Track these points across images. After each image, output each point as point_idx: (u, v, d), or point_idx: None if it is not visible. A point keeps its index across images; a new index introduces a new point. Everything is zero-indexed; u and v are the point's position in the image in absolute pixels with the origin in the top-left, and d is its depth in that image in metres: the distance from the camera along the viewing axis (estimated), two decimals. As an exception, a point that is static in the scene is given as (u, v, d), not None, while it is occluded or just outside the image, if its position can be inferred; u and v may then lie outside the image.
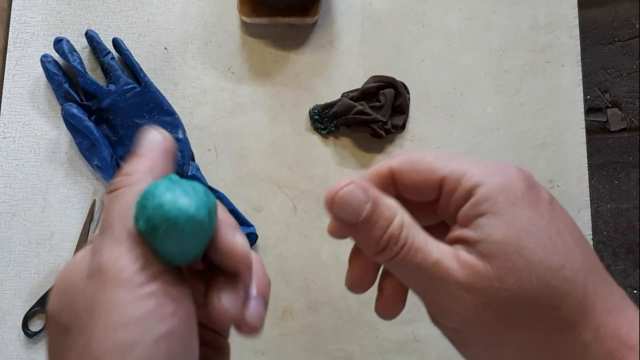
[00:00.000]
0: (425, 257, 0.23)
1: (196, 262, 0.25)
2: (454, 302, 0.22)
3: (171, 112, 0.59)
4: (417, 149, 0.27)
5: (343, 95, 0.61)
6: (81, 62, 0.60)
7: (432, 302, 0.24)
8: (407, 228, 0.23)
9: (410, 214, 0.24)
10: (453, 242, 0.24)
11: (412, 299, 0.27)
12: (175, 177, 0.24)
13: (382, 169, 0.26)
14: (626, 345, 0.22)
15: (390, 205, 0.24)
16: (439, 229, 0.26)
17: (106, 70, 0.60)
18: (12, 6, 0.62)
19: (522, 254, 0.22)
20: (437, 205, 0.26)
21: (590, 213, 0.62)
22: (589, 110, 1.43)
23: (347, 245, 0.27)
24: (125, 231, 0.21)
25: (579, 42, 0.64)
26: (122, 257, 0.20)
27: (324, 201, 0.24)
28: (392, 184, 0.26)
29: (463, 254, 0.23)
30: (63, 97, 0.58)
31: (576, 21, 0.64)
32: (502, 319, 0.22)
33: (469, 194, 0.23)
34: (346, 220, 0.23)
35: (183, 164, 0.58)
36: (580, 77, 0.63)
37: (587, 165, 0.62)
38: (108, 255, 0.21)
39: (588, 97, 1.43)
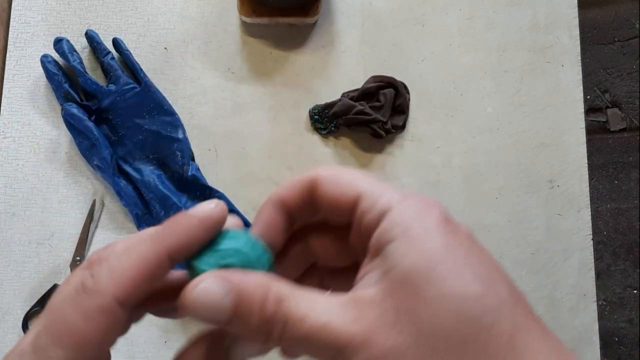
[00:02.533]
0: (313, 325, 0.20)
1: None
2: (352, 358, 0.19)
3: (171, 112, 0.59)
4: (345, 167, 0.25)
5: (343, 95, 0.61)
6: (81, 62, 0.60)
7: None
8: (284, 301, 0.20)
9: (289, 278, 0.22)
10: (362, 276, 0.21)
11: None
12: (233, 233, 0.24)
13: (303, 179, 0.24)
14: None
15: (258, 283, 0.21)
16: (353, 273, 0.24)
17: (106, 70, 0.60)
18: (12, 6, 0.62)
19: (435, 283, 0.19)
20: (349, 234, 0.24)
21: (590, 213, 0.62)
22: (589, 110, 1.43)
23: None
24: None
25: (579, 42, 0.64)
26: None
27: (181, 305, 0.21)
28: (310, 196, 0.24)
29: (363, 292, 0.20)
30: (63, 97, 0.58)
31: (576, 21, 0.64)
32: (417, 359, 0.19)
33: (381, 216, 0.21)
34: (213, 321, 0.20)
35: (183, 164, 0.58)
36: (580, 77, 0.63)
37: (587, 165, 0.62)
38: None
39: (588, 97, 1.43)
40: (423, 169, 0.61)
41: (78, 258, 0.58)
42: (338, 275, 0.27)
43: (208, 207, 0.23)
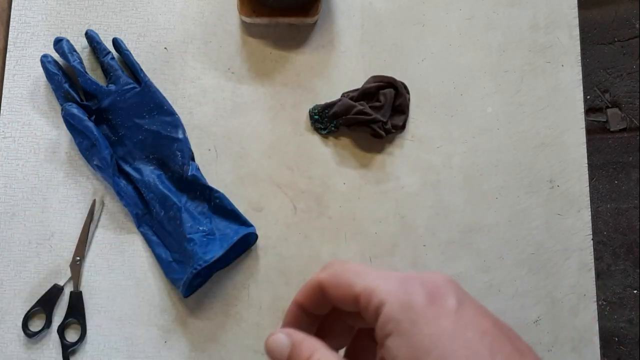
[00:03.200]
0: None
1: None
2: None
3: (171, 112, 0.59)
4: (344, 261, 0.29)
5: (343, 95, 0.61)
6: (81, 62, 0.60)
7: None
8: None
9: (334, 351, 0.26)
10: None
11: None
12: None
13: (312, 283, 0.28)
14: None
15: (310, 345, 0.26)
16: None
17: (106, 70, 0.60)
18: (12, 6, 0.62)
19: None
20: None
21: (590, 213, 0.62)
22: (589, 110, 1.43)
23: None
24: None
25: (579, 42, 0.64)
26: None
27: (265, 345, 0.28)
28: (321, 296, 0.28)
29: None
30: (63, 97, 0.58)
31: (576, 21, 0.64)
32: None
33: (377, 313, 0.24)
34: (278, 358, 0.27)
35: (183, 164, 0.58)
36: (580, 77, 0.64)
37: (587, 165, 0.62)
38: None
39: (588, 97, 1.43)
40: (423, 169, 0.61)
41: (78, 258, 0.58)
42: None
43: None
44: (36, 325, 0.57)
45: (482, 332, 0.23)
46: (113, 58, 0.60)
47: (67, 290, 0.58)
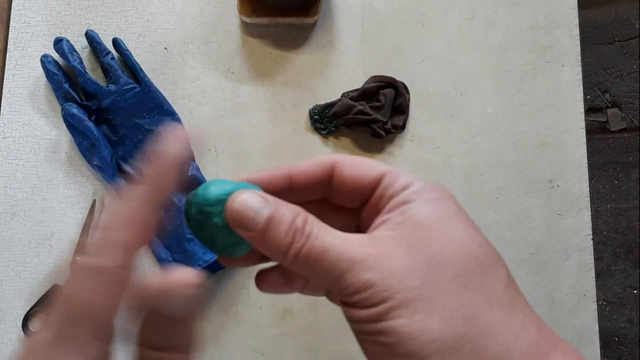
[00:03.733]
0: (333, 240, 0.22)
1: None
2: (364, 274, 0.21)
3: (171, 112, 0.59)
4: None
5: (343, 95, 0.61)
6: (81, 62, 0.60)
7: (347, 283, 0.22)
8: (311, 222, 0.23)
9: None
10: (378, 226, 0.24)
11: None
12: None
13: (325, 159, 0.26)
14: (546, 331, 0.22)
15: (292, 206, 0.24)
16: None
17: (106, 70, 0.60)
18: (12, 6, 0.62)
19: (446, 230, 0.23)
20: (361, 212, 0.26)
21: (590, 213, 0.62)
22: (589, 110, 1.43)
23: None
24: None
25: (579, 42, 0.64)
26: None
27: (225, 213, 0.23)
28: (329, 180, 0.26)
29: (378, 232, 0.23)
30: (63, 97, 0.58)
31: (576, 21, 0.64)
32: (423, 280, 0.21)
33: (402, 189, 0.24)
34: (249, 225, 0.23)
35: (183, 164, 0.58)
36: (580, 77, 0.63)
37: (587, 165, 0.62)
38: None
39: (588, 97, 1.43)
40: (423, 169, 0.61)
41: (78, 258, 0.58)
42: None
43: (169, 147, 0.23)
44: (36, 325, 0.57)
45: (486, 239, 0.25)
46: (113, 58, 0.60)
47: (67, 290, 0.58)
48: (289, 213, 0.23)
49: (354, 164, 0.26)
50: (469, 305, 0.21)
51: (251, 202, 0.23)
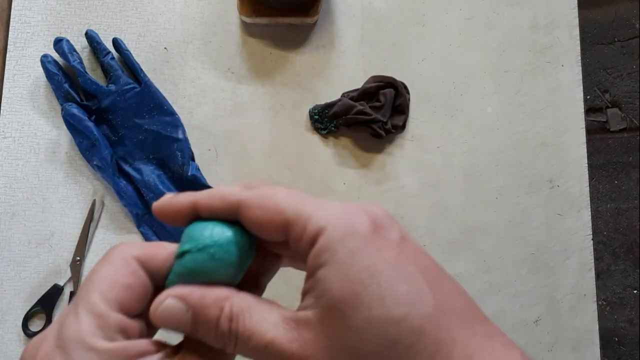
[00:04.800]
0: (259, 341, 0.22)
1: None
2: None
3: (171, 112, 0.59)
4: (273, 185, 0.24)
5: (343, 95, 0.61)
6: (81, 62, 0.60)
7: None
8: (236, 318, 0.22)
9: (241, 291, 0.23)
10: (304, 294, 0.23)
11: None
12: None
13: (229, 196, 0.24)
14: None
15: (214, 301, 0.22)
16: None
17: (106, 70, 0.60)
18: (12, 6, 0.62)
19: (360, 309, 0.20)
20: (288, 248, 0.24)
21: (590, 213, 0.62)
22: (589, 110, 1.43)
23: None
24: (88, 304, 0.22)
25: (579, 42, 0.64)
26: (83, 326, 0.22)
27: (150, 316, 0.23)
28: (234, 214, 0.24)
29: (303, 314, 0.22)
30: (63, 97, 0.58)
31: (576, 21, 0.64)
32: None
33: (312, 241, 0.22)
34: (178, 330, 0.23)
35: (183, 164, 0.58)
36: (580, 77, 0.63)
37: (587, 165, 0.62)
38: (72, 327, 0.22)
39: (588, 97, 1.43)
40: (423, 169, 0.61)
41: (78, 258, 0.58)
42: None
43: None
44: (36, 325, 0.57)
45: (424, 267, 0.22)
46: (113, 58, 0.60)
47: (67, 290, 0.58)
48: (210, 314, 0.22)
49: (261, 205, 0.23)
50: None
51: (172, 310, 0.22)
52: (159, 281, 0.24)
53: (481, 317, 0.22)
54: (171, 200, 0.25)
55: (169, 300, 0.22)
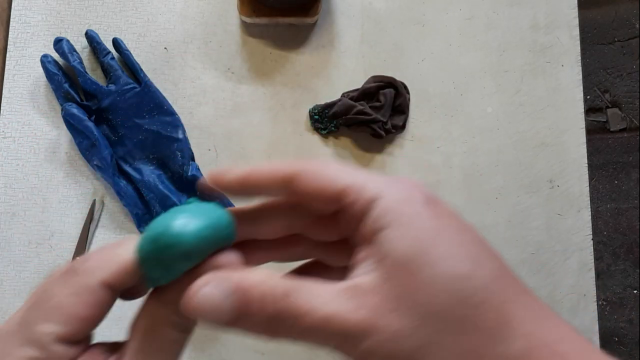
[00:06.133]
0: (316, 317, 0.20)
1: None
2: (362, 344, 0.20)
3: (171, 112, 0.59)
4: (322, 159, 0.24)
5: (343, 95, 0.61)
6: (81, 62, 0.60)
7: (347, 352, 0.21)
8: (286, 298, 0.20)
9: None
10: (357, 264, 0.22)
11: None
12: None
13: (283, 168, 0.24)
14: (557, 354, 0.20)
15: (258, 282, 0.21)
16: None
17: (106, 70, 0.60)
18: (12, 6, 0.62)
19: (429, 266, 0.20)
20: (337, 221, 0.24)
21: (590, 213, 0.62)
22: (589, 110, 1.43)
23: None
24: (33, 334, 0.22)
25: (579, 42, 0.64)
26: (20, 354, 0.22)
27: (185, 308, 0.21)
28: (288, 188, 0.24)
29: (361, 279, 0.21)
30: (63, 97, 0.58)
31: (576, 21, 0.64)
32: (422, 340, 0.20)
33: (370, 206, 0.22)
34: (218, 323, 0.21)
35: (183, 164, 0.58)
36: (580, 77, 0.63)
37: (587, 165, 0.62)
38: (9, 355, 0.22)
39: (588, 97, 1.43)
40: (423, 169, 0.61)
41: (78, 258, 0.58)
42: (327, 248, 0.27)
43: None
44: (36, 325, 0.57)
45: (477, 237, 0.23)
46: (113, 58, 0.60)
47: (67, 290, 0.58)
48: (256, 294, 0.21)
49: (314, 176, 0.23)
50: (469, 352, 0.20)
51: (212, 298, 0.21)
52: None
53: (528, 288, 0.23)
54: (226, 170, 0.25)
55: (208, 287, 0.21)
